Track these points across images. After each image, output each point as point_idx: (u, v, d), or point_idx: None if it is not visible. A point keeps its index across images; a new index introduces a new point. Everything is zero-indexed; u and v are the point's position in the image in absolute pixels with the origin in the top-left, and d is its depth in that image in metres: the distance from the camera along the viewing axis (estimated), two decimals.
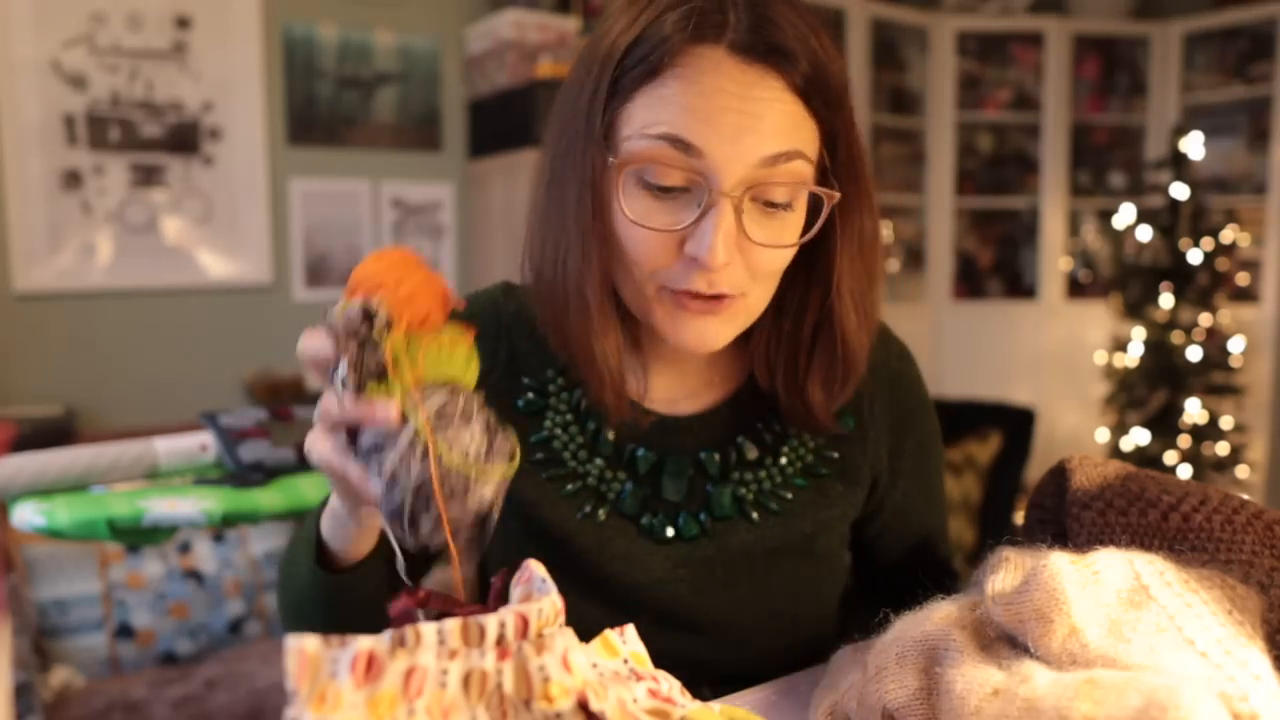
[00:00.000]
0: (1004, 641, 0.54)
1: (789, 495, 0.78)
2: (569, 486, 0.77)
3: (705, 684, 0.72)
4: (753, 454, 0.78)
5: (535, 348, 0.79)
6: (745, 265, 0.66)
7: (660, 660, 0.54)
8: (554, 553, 0.75)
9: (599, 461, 0.77)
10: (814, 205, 0.68)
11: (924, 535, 0.88)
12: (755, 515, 0.77)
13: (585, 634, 0.51)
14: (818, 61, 0.64)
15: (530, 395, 0.78)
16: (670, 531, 0.76)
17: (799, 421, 0.77)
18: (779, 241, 0.66)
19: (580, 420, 0.78)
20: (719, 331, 0.69)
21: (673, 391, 0.79)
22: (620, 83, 0.65)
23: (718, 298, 0.66)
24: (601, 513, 0.76)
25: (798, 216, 0.67)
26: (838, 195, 0.67)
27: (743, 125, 0.62)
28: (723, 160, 0.62)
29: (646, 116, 0.63)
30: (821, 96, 0.65)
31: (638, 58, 0.64)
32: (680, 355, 0.77)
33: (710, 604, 0.76)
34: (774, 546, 0.77)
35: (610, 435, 0.77)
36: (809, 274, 0.73)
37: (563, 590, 0.47)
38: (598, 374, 0.71)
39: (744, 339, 0.75)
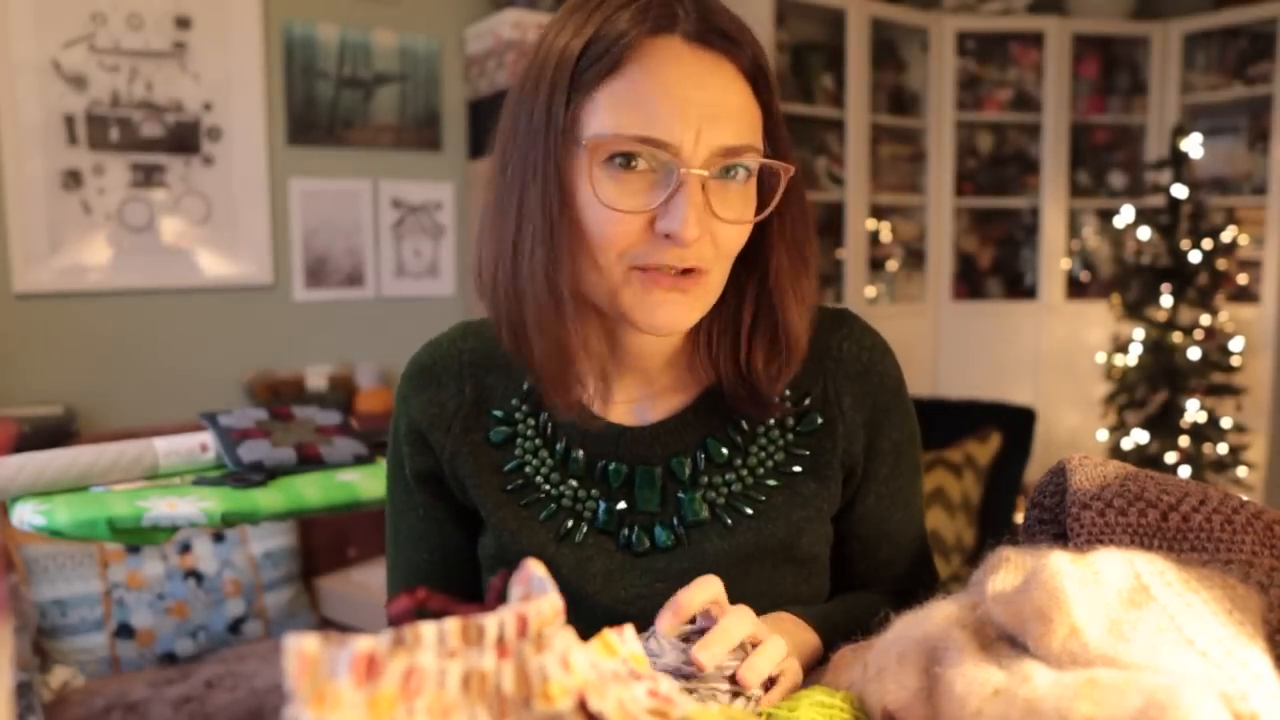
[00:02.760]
0: (1004, 641, 0.54)
1: (762, 497, 0.78)
2: (546, 510, 0.78)
3: None
4: (722, 456, 0.78)
5: (500, 380, 0.81)
6: (711, 241, 0.69)
7: None
8: None
9: (572, 482, 0.78)
10: (763, 192, 0.73)
11: (897, 548, 0.85)
12: (729, 520, 0.77)
13: None
14: (757, 47, 0.70)
15: (500, 427, 0.80)
16: (647, 543, 0.77)
17: (746, 406, 0.78)
18: (740, 218, 0.71)
19: (549, 444, 0.79)
20: (688, 311, 0.71)
21: (638, 399, 0.80)
22: (580, 80, 0.68)
23: (687, 274, 0.70)
24: (579, 533, 0.77)
25: (753, 198, 0.72)
26: (792, 168, 0.72)
27: (705, 115, 0.66)
28: (690, 148, 0.66)
29: (616, 116, 0.67)
30: (764, 80, 0.71)
31: (596, 54, 0.67)
32: (643, 358, 0.78)
33: None
34: (749, 553, 0.77)
35: (580, 454, 0.78)
36: (745, 264, 0.76)
37: None
38: (561, 363, 0.72)
39: (697, 342, 0.79)
